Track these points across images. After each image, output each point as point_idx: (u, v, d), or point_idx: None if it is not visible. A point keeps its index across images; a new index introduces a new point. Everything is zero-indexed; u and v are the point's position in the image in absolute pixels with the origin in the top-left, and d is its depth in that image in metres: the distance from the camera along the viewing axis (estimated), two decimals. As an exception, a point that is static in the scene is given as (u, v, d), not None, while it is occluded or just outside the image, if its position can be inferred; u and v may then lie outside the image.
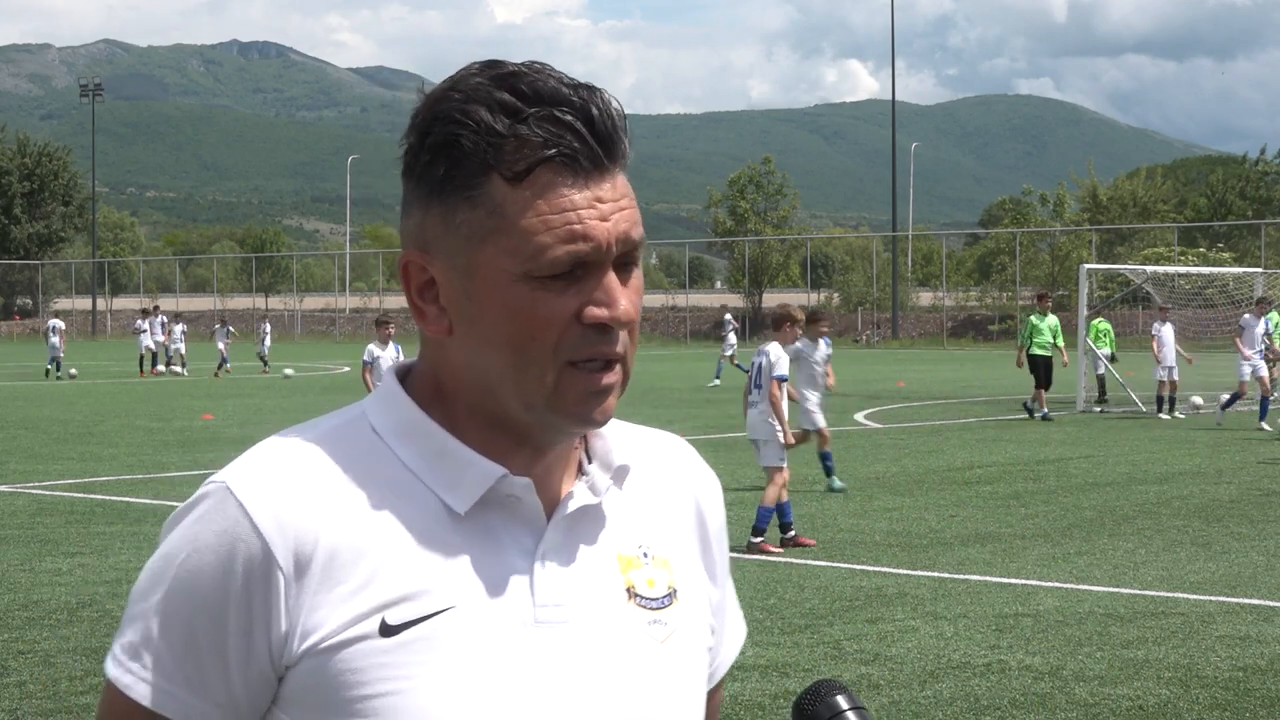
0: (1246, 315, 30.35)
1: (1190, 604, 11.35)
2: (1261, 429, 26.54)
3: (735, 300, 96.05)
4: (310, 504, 1.70)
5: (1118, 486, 18.59)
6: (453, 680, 1.68)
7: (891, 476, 19.74)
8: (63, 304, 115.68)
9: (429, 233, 1.75)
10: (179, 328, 51.46)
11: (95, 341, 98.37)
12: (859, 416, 30.18)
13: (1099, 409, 32.37)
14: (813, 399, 17.51)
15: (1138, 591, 11.84)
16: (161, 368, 50.00)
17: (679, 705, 1.82)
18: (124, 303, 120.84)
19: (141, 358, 50.46)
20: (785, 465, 14.29)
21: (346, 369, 53.71)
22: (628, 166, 1.75)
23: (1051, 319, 30.85)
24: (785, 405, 14.38)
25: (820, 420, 17.57)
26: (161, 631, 1.71)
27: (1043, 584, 12.15)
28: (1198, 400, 31.48)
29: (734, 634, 2.03)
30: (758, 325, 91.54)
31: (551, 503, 1.79)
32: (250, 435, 25.15)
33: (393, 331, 22.09)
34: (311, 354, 70.83)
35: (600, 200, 1.71)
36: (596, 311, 1.70)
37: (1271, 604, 11.36)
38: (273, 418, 29.32)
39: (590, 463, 1.85)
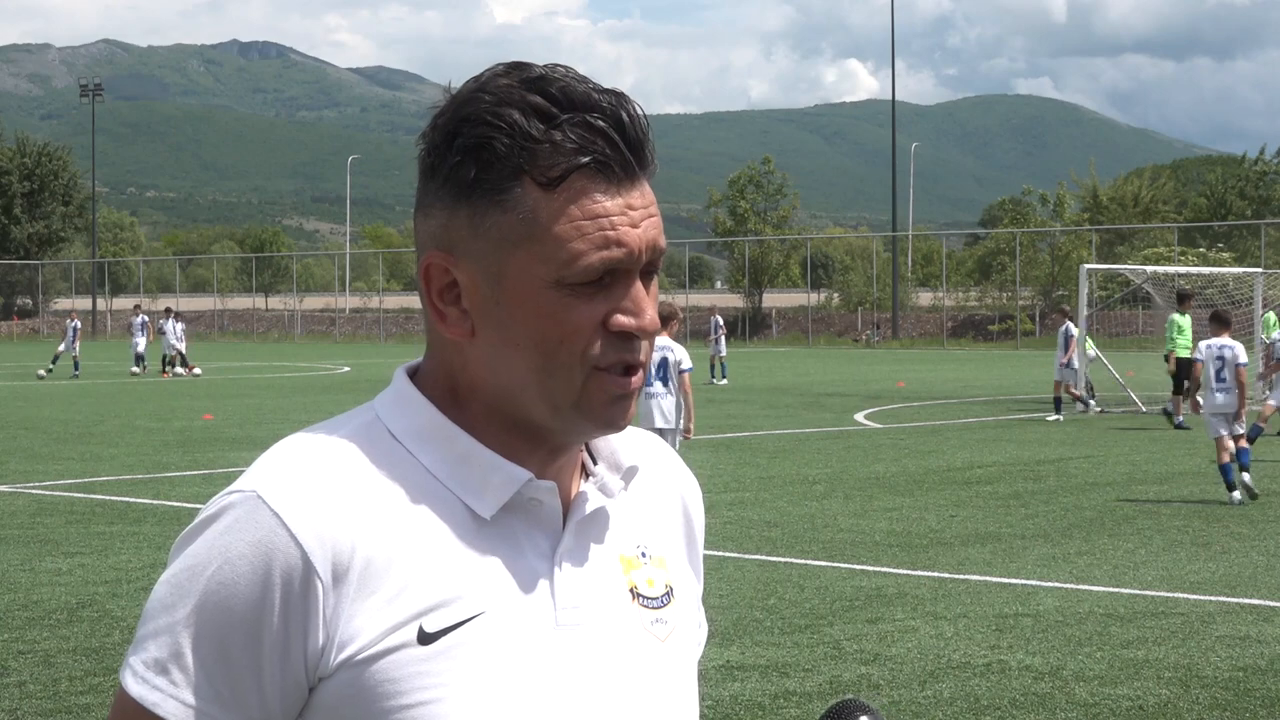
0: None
1: (1190, 604, 11.35)
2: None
3: (736, 300, 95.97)
4: (344, 511, 1.68)
5: (1118, 486, 18.60)
6: (486, 686, 1.68)
7: (891, 476, 19.74)
8: (63, 304, 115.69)
9: (454, 235, 1.73)
10: (180, 327, 51.30)
11: (95, 341, 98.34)
12: (859, 416, 30.18)
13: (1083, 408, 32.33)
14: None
15: (1138, 591, 11.84)
16: (181, 370, 49.77)
17: (681, 702, 1.83)
18: (124, 303, 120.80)
19: (165, 358, 50.40)
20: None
21: (346, 369, 53.72)
22: (654, 174, 1.76)
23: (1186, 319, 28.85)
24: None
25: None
26: (192, 647, 1.66)
27: (1043, 584, 12.15)
28: (1198, 399, 31.43)
29: (703, 632, 2.04)
30: (758, 326, 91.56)
31: (564, 505, 1.80)
32: (250, 435, 25.15)
33: None
34: (311, 354, 70.79)
35: (631, 207, 1.71)
36: (624, 320, 1.71)
37: (1271, 604, 11.36)
38: (273, 418, 29.30)
39: (596, 464, 1.85)
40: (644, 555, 1.85)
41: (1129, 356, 43.56)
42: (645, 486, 1.90)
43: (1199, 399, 19.51)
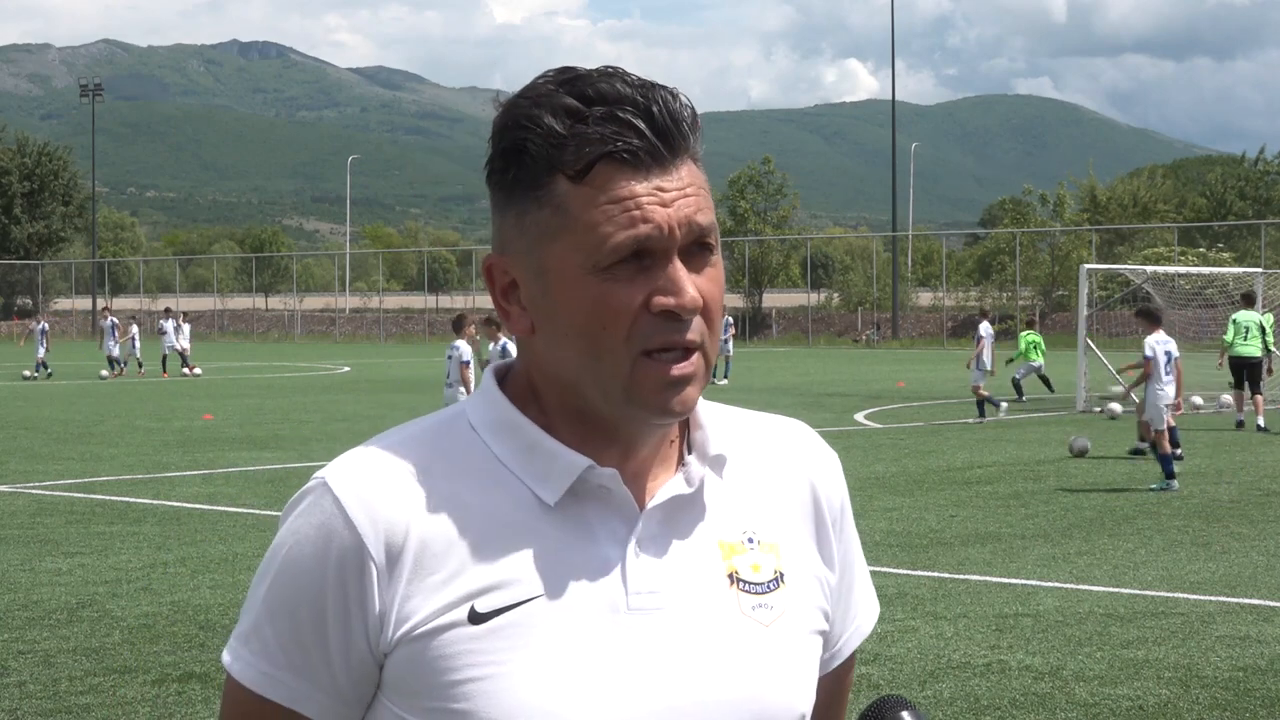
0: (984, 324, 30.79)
1: (1190, 604, 11.35)
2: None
3: (736, 300, 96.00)
4: (402, 497, 1.77)
5: (1117, 486, 18.60)
6: (543, 665, 1.73)
7: (891, 476, 19.75)
8: (63, 304, 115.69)
9: (505, 235, 1.81)
10: (186, 326, 51.18)
11: (95, 341, 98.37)
12: (859, 416, 30.19)
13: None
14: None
15: (1138, 591, 11.84)
16: (185, 370, 49.57)
17: (786, 686, 1.84)
18: (124, 303, 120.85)
19: (164, 358, 50.27)
20: None
21: (346, 369, 53.72)
22: (699, 159, 1.80)
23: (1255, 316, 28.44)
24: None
25: None
26: (269, 620, 1.79)
27: (1043, 584, 12.15)
28: (1197, 400, 31.48)
29: (861, 615, 2.05)
30: (758, 326, 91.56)
31: (648, 495, 1.83)
32: (250, 435, 25.18)
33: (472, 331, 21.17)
34: (311, 354, 70.79)
35: (662, 189, 1.75)
36: (663, 299, 1.73)
37: (1271, 604, 11.36)
38: (273, 418, 29.29)
39: (690, 454, 1.88)
40: (750, 541, 1.87)
41: (1129, 357, 43.49)
42: (761, 472, 1.93)
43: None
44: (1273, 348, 35.01)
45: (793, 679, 1.85)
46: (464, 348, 20.82)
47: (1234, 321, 28.52)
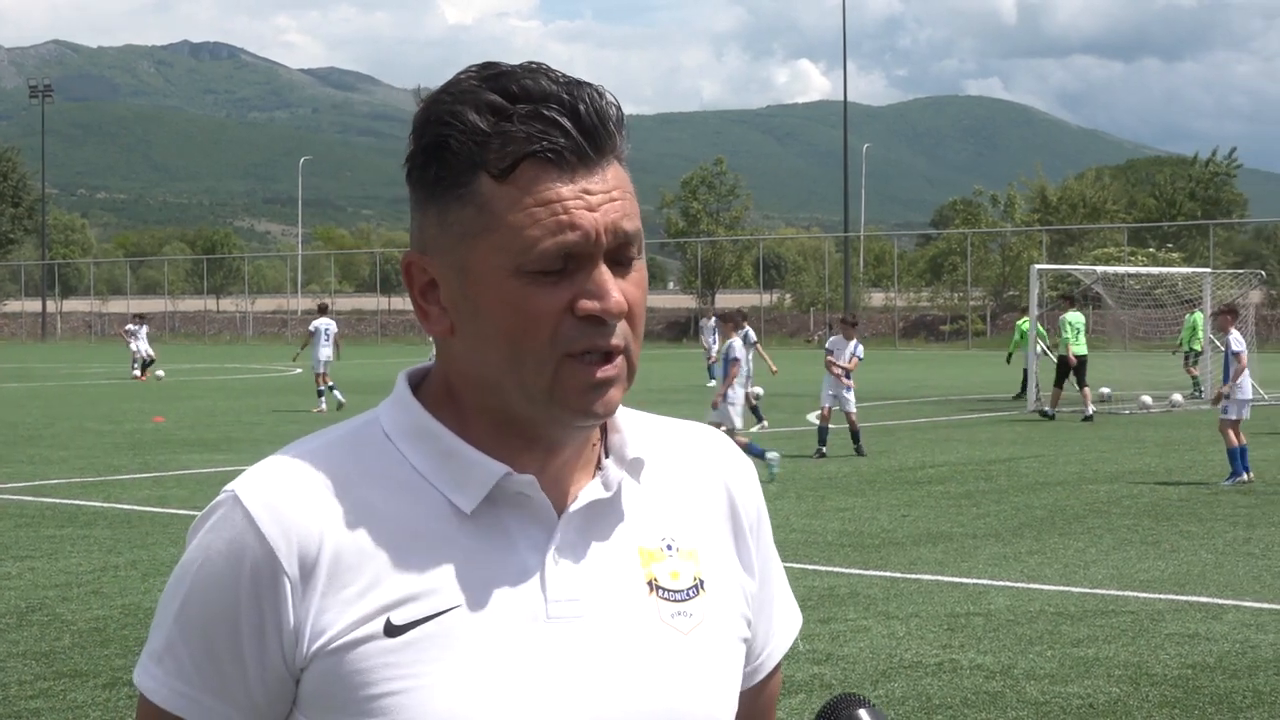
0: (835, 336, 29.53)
1: (1140, 602, 11.41)
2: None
3: (688, 301, 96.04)
4: (314, 508, 1.73)
5: (1068, 486, 18.69)
6: (461, 677, 1.70)
7: (844, 476, 19.80)
8: (12, 306, 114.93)
9: (427, 234, 1.77)
10: (143, 330, 50.89)
11: (45, 344, 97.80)
12: (811, 417, 30.22)
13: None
14: None
15: (1088, 590, 11.90)
16: (137, 372, 49.21)
17: (706, 696, 1.82)
18: (74, 305, 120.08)
19: (141, 363, 49.94)
20: None
21: (298, 371, 53.51)
22: (625, 159, 1.77)
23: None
24: None
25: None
26: (183, 638, 1.75)
27: (994, 583, 12.20)
28: (1147, 399, 31.68)
29: (783, 624, 2.03)
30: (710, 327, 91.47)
31: (568, 500, 1.80)
32: (201, 438, 25.06)
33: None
34: (264, 356, 70.49)
35: (588, 192, 1.71)
36: (588, 304, 1.71)
37: (1220, 602, 11.44)
38: (225, 420, 29.18)
39: (607, 458, 1.85)
40: (669, 547, 1.85)
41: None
42: (679, 478, 1.90)
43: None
44: (1197, 346, 35.18)
45: (713, 688, 1.82)
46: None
47: (1067, 323, 30.81)
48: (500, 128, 1.70)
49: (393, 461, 1.78)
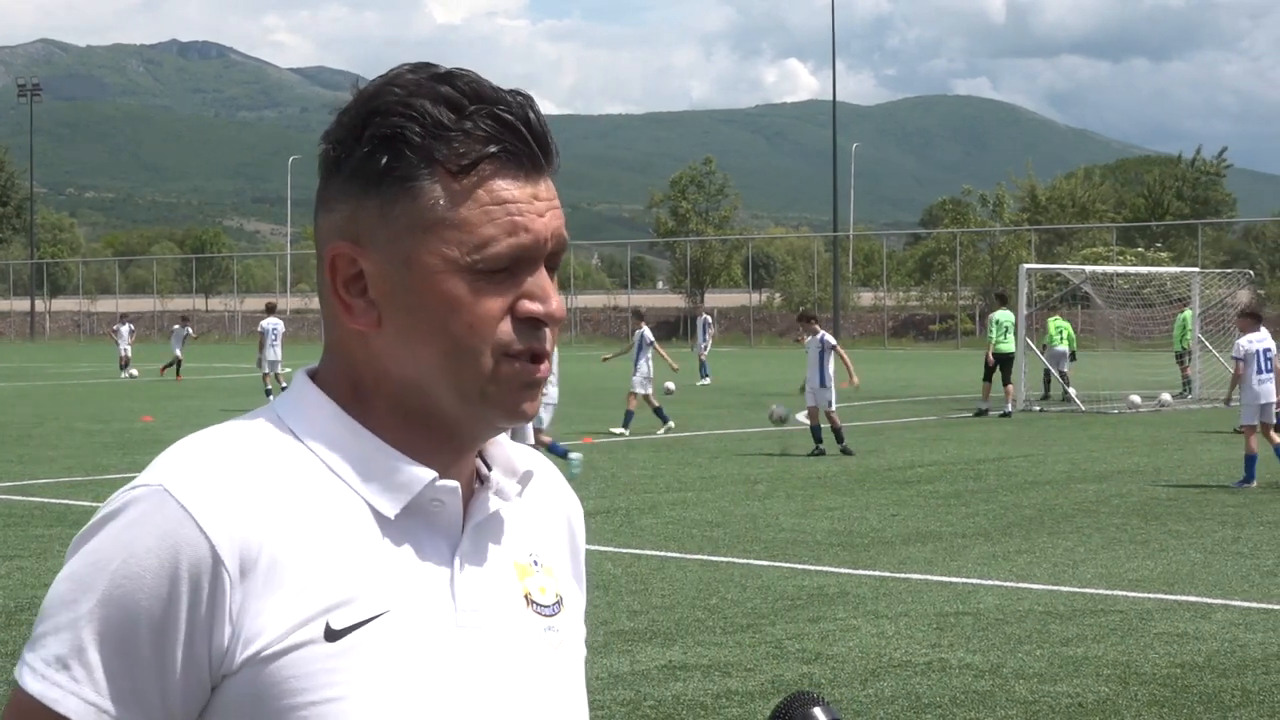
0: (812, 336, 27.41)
1: (1129, 601, 11.43)
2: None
3: (678, 300, 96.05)
4: (252, 506, 1.66)
5: (1057, 485, 18.70)
6: (388, 685, 1.67)
7: (833, 476, 19.81)
8: (0, 305, 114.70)
9: (361, 225, 1.72)
10: (126, 329, 50.91)
11: (34, 343, 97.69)
12: (801, 416, 30.22)
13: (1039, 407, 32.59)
14: None
15: (1077, 589, 11.91)
16: (124, 371, 49.18)
17: (577, 710, 1.84)
18: (63, 304, 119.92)
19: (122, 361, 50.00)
20: None
21: (287, 370, 53.44)
22: (557, 172, 1.78)
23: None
24: None
25: None
26: (95, 643, 1.64)
27: (983, 582, 12.21)
28: (1135, 398, 31.72)
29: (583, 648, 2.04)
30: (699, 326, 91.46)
31: (464, 507, 1.79)
32: (190, 437, 24.99)
33: None
34: (252, 355, 70.33)
35: (538, 198, 1.73)
36: (531, 306, 1.72)
37: (1208, 601, 11.46)
38: (213, 419, 28.87)
39: (490, 469, 1.84)
40: (536, 564, 1.85)
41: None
42: (536, 497, 1.90)
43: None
44: (1188, 345, 35.28)
45: (580, 702, 1.85)
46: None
47: (995, 321, 31.72)
48: (461, 124, 1.70)
49: (307, 463, 1.72)
